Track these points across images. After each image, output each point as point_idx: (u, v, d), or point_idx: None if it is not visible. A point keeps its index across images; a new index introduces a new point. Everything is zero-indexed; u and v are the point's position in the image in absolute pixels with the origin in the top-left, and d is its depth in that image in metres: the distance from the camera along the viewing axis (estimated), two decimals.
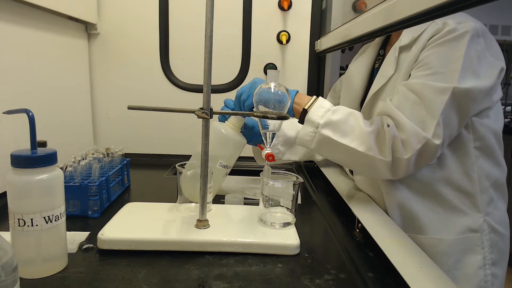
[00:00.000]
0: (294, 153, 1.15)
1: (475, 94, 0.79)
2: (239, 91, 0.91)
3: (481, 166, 0.88)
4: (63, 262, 0.61)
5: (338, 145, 0.82)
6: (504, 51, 0.86)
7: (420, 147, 0.77)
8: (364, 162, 0.82)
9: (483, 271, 0.88)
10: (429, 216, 0.89)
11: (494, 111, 0.88)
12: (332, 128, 0.82)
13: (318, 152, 0.89)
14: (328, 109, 0.84)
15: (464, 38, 0.77)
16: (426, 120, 0.78)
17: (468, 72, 0.77)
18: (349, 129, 0.82)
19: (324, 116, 0.83)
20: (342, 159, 0.90)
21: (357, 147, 0.80)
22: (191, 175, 0.77)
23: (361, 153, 0.80)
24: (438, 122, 0.77)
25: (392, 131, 0.79)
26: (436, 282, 0.57)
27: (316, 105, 0.85)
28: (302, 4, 1.39)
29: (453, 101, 0.77)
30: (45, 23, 1.10)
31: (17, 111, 0.56)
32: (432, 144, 0.77)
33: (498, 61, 0.82)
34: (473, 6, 0.45)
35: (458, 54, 0.77)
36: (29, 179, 0.55)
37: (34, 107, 0.58)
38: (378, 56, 1.03)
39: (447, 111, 0.78)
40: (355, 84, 1.04)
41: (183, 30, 1.41)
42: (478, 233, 0.88)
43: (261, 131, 0.77)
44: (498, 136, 0.90)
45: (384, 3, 0.69)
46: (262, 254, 0.67)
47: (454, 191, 0.88)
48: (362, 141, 0.80)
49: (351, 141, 0.81)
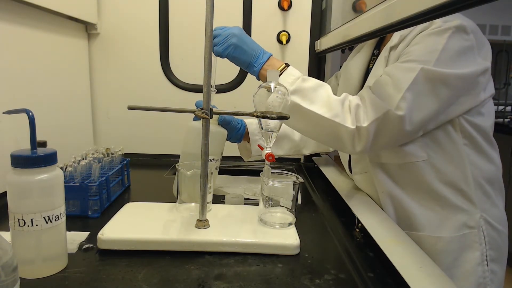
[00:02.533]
0: (280, 148, 1.16)
1: (446, 77, 0.79)
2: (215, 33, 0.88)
3: (473, 163, 0.88)
4: (63, 262, 0.61)
5: (306, 112, 0.82)
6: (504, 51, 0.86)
7: (380, 116, 0.78)
8: (330, 130, 0.83)
9: (481, 267, 0.88)
10: (425, 214, 0.89)
11: (486, 109, 0.88)
12: (301, 95, 0.83)
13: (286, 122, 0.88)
14: (298, 76, 0.85)
15: (446, 33, 0.78)
16: (391, 94, 0.79)
17: (443, 61, 0.78)
18: (318, 97, 0.83)
19: (294, 83, 0.84)
20: (309, 128, 0.89)
21: (324, 113, 0.81)
22: (191, 175, 0.77)
23: (327, 119, 0.81)
24: (403, 96, 0.77)
25: (356, 100, 0.82)
26: (436, 282, 0.57)
27: (287, 72, 0.86)
28: (302, 4, 1.39)
29: (424, 81, 0.78)
30: (45, 23, 1.10)
31: (17, 111, 0.56)
32: (393, 114, 0.78)
33: (484, 61, 0.83)
34: (473, 6, 0.45)
35: (437, 47, 0.78)
36: (29, 179, 0.55)
37: (34, 107, 0.58)
38: (372, 56, 1.03)
39: (418, 90, 0.78)
40: (352, 84, 1.05)
41: (183, 30, 1.41)
42: (475, 229, 0.88)
43: (261, 131, 0.77)
44: (487, 134, 0.90)
45: (384, 3, 0.69)
46: (262, 254, 0.67)
47: (448, 188, 0.88)
48: (329, 108, 0.82)
49: (319, 108, 0.82)
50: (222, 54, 0.86)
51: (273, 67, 0.86)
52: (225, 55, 0.86)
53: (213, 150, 0.92)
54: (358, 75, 1.04)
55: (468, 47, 0.80)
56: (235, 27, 0.88)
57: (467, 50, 0.80)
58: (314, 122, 0.83)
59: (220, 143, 0.95)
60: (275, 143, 1.14)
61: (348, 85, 1.07)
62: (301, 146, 1.19)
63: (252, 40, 0.89)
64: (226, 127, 0.98)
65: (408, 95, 0.77)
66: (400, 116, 0.78)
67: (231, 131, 1.01)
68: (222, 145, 0.95)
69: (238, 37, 0.86)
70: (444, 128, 0.86)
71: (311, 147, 1.20)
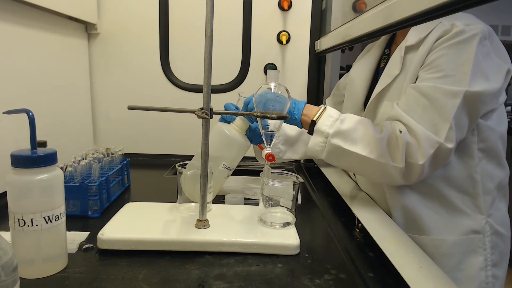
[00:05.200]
0: (295, 152, 1.15)
1: (485, 97, 0.79)
2: (247, 99, 0.89)
3: (484, 168, 0.88)
4: (63, 262, 0.61)
5: (349, 154, 0.81)
6: None
7: (433, 152, 0.77)
8: (376, 169, 0.82)
9: (484, 272, 0.88)
10: (432, 217, 0.89)
11: (498, 113, 0.88)
12: (342, 137, 0.82)
13: (329, 162, 0.87)
14: (337, 118, 0.84)
15: (473, 40, 0.77)
16: (438, 124, 0.77)
17: (477, 75, 0.77)
18: (359, 137, 0.81)
19: (333, 126, 0.82)
20: (354, 167, 0.89)
21: (368, 154, 0.79)
22: (191, 175, 0.77)
23: (372, 160, 0.79)
24: (451, 126, 0.76)
25: (405, 137, 0.78)
26: (436, 282, 0.57)
27: (325, 115, 0.84)
28: (302, 4, 1.39)
29: (464, 104, 0.77)
30: (45, 23, 1.10)
31: (17, 111, 0.56)
32: (445, 148, 0.77)
33: (505, 63, 0.82)
34: (473, 6, 0.44)
35: (468, 57, 0.77)
36: (29, 179, 0.55)
37: (34, 107, 0.58)
38: (383, 55, 1.03)
39: (459, 115, 0.77)
40: (359, 84, 1.04)
41: (183, 30, 1.41)
42: (480, 234, 0.88)
43: (261, 131, 0.77)
44: (503, 137, 0.89)
45: (384, 3, 0.69)
46: (262, 254, 0.67)
47: (457, 192, 0.88)
48: (373, 148, 0.80)
49: (362, 149, 0.80)
50: None
51: (311, 112, 0.85)
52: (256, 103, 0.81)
53: (232, 159, 0.91)
54: (366, 74, 1.03)
55: (488, 52, 0.79)
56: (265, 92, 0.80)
57: (488, 56, 0.79)
58: (359, 162, 0.82)
59: (240, 154, 0.92)
60: (291, 147, 1.14)
61: (354, 85, 1.07)
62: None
63: None
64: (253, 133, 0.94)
65: (453, 123, 0.77)
66: (451, 148, 0.77)
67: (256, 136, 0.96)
68: (241, 156, 0.93)
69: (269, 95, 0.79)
70: None
71: None
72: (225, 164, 0.90)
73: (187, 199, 0.80)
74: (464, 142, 0.86)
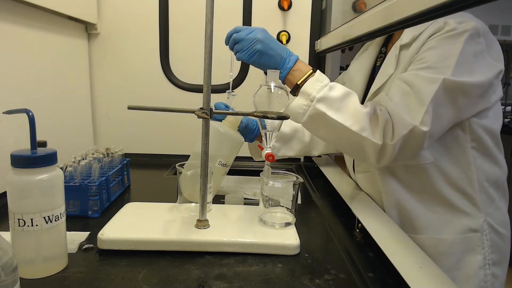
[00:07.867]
0: (290, 149, 1.15)
1: (466, 88, 0.79)
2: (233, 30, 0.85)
3: (479, 166, 0.88)
4: (63, 262, 0.61)
5: (331, 122, 0.79)
6: (504, 51, 0.86)
7: (406, 133, 0.77)
8: (354, 142, 0.81)
9: (483, 271, 0.88)
10: (428, 216, 0.89)
11: (494, 112, 0.88)
12: (328, 104, 0.79)
13: (307, 128, 0.85)
14: (326, 84, 0.81)
15: (462, 36, 0.77)
16: (414, 108, 0.78)
17: (461, 68, 0.77)
18: (345, 107, 0.80)
19: (320, 91, 0.80)
20: (331, 137, 0.86)
21: (350, 126, 0.78)
22: (191, 175, 0.77)
23: (354, 132, 0.78)
24: (427, 110, 0.76)
25: (385, 115, 0.79)
26: (436, 282, 0.57)
27: (314, 78, 0.82)
28: (302, 4, 1.39)
29: (444, 92, 0.77)
30: (45, 23, 1.10)
31: (17, 111, 0.56)
32: (418, 131, 0.77)
33: (497, 63, 0.82)
34: (473, 6, 0.45)
35: (454, 52, 0.77)
36: (29, 179, 0.55)
37: (34, 107, 0.58)
38: (380, 54, 1.03)
39: (438, 102, 0.77)
40: (356, 82, 1.04)
41: (183, 30, 1.41)
42: (479, 233, 0.88)
43: (261, 131, 0.77)
44: (496, 136, 0.89)
45: (384, 3, 0.69)
46: (262, 254, 0.67)
47: (453, 191, 0.88)
48: (356, 120, 0.78)
49: (345, 119, 0.79)
50: (247, 61, 0.83)
51: (300, 72, 0.83)
52: (250, 62, 0.83)
53: (227, 156, 0.92)
54: (363, 72, 1.03)
55: (480, 50, 0.79)
56: (258, 29, 0.83)
57: (479, 54, 0.79)
58: (338, 132, 0.80)
59: (235, 150, 0.93)
60: (285, 144, 1.14)
61: (351, 83, 1.07)
62: (310, 147, 1.19)
63: (277, 42, 0.84)
64: (245, 129, 0.95)
65: (431, 107, 0.76)
66: (425, 132, 0.77)
67: (248, 133, 0.97)
68: (236, 152, 0.94)
69: (263, 42, 0.81)
70: (452, 131, 0.85)
71: (320, 148, 1.20)
72: (221, 161, 0.90)
73: (187, 199, 0.80)
74: (457, 142, 0.86)
